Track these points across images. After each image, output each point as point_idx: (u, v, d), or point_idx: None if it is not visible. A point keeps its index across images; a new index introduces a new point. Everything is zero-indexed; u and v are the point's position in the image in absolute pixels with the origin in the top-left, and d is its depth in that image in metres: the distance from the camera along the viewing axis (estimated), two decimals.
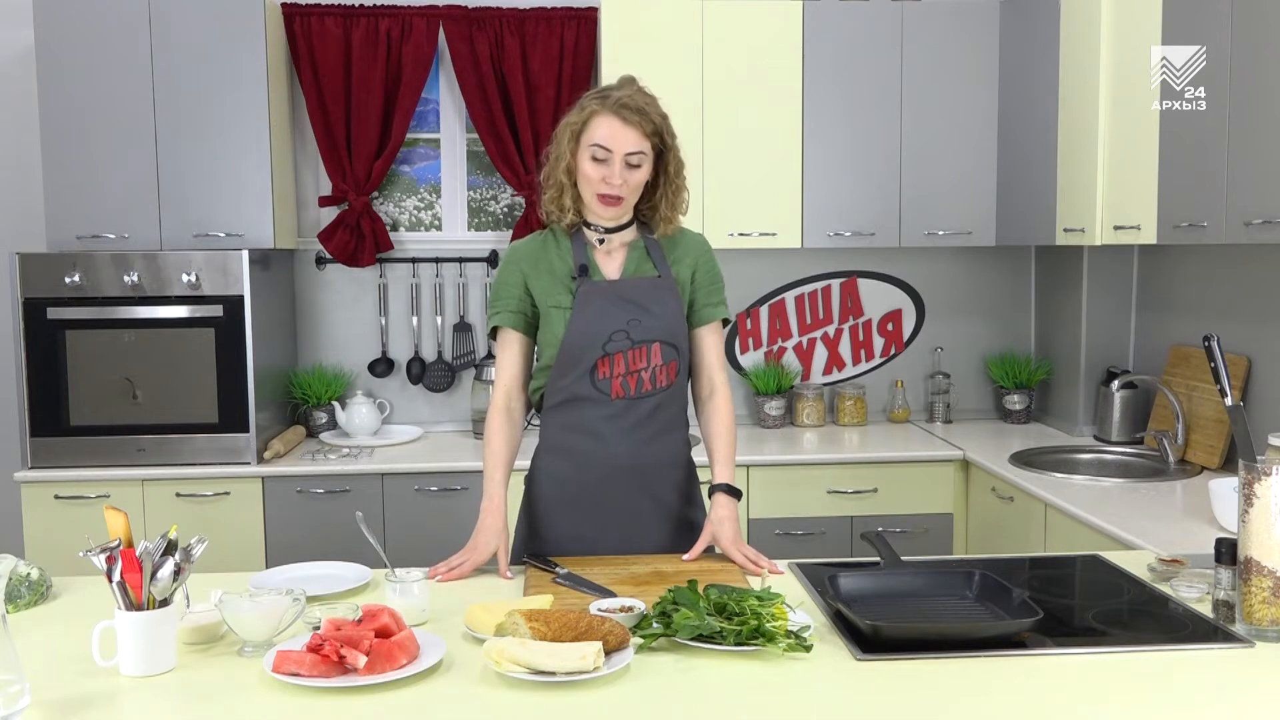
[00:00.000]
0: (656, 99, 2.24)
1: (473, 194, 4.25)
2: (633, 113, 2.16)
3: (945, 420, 4.25)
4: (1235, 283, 3.30)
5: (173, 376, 3.55)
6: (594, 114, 2.18)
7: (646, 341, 2.24)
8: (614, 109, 2.16)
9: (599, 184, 2.19)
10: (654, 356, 2.25)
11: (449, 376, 4.19)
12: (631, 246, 2.31)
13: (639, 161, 2.19)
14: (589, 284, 2.24)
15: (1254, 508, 1.75)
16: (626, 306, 2.23)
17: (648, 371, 2.26)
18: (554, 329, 2.25)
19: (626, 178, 2.19)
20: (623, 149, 2.17)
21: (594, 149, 2.17)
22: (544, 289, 2.27)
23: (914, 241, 3.99)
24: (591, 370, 2.24)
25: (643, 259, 2.30)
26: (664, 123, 2.22)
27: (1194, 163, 2.87)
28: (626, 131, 2.16)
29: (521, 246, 2.34)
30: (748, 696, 1.58)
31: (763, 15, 3.83)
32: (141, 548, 1.67)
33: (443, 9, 3.98)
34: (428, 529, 3.57)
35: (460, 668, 1.68)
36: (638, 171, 2.20)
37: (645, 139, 2.18)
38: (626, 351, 2.23)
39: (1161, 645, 1.76)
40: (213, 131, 3.65)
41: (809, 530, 3.67)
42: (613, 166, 2.17)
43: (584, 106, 2.21)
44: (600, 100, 2.19)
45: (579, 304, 2.23)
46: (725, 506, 2.24)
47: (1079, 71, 3.42)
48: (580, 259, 2.26)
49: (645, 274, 2.29)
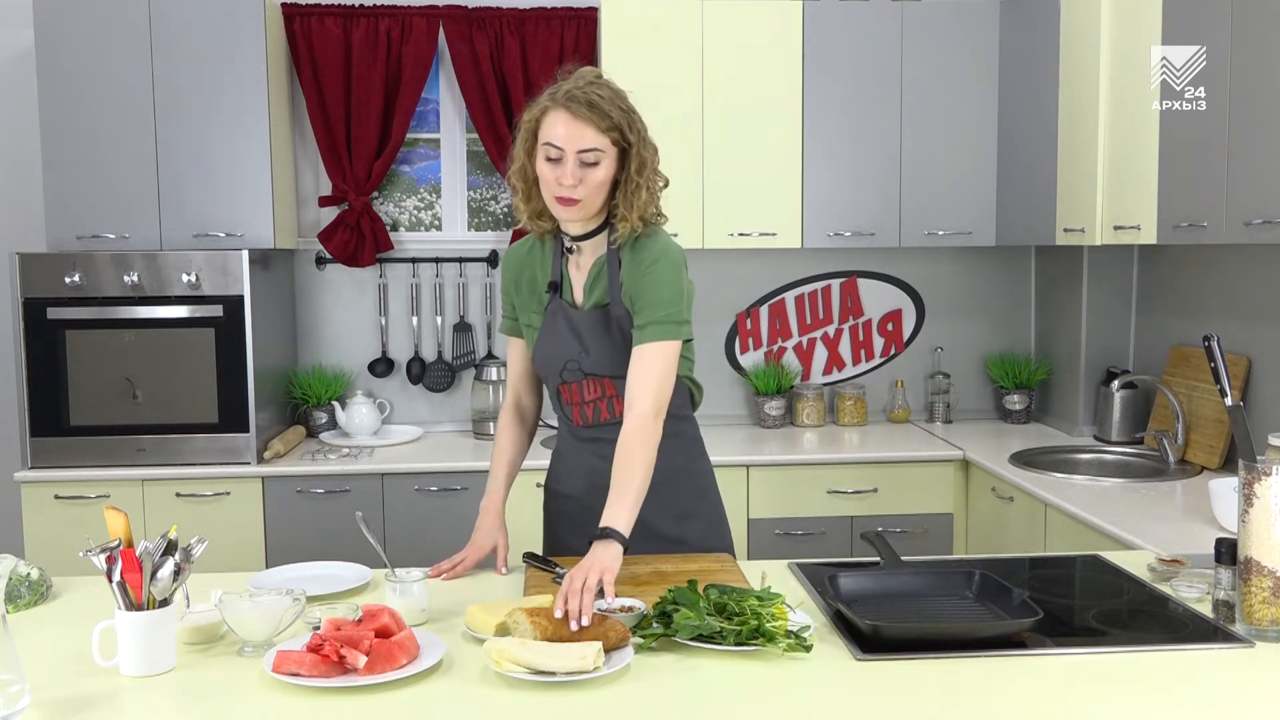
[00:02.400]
0: (620, 93, 2.05)
1: (473, 194, 4.25)
2: (582, 106, 1.98)
3: (945, 420, 4.25)
4: (1235, 283, 3.30)
5: (173, 376, 3.55)
6: (545, 110, 2.02)
7: (596, 375, 2.18)
8: (563, 103, 2.00)
9: (553, 185, 2.02)
10: (607, 388, 2.19)
11: (449, 376, 4.19)
12: (596, 261, 2.17)
13: (595, 159, 2.01)
14: (555, 305, 2.19)
15: (1254, 508, 1.75)
16: (574, 340, 2.17)
17: (604, 401, 2.20)
18: (530, 346, 2.26)
19: (582, 176, 2.01)
20: (575, 146, 1.99)
21: (546, 148, 2.01)
22: (522, 303, 2.25)
23: (914, 241, 3.99)
24: (557, 394, 2.25)
25: (599, 278, 2.16)
26: (625, 117, 2.03)
27: (1194, 163, 2.87)
28: (577, 126, 1.98)
29: (514, 252, 2.29)
30: (748, 696, 1.58)
31: (763, 15, 3.83)
32: (141, 548, 1.67)
33: (443, 9, 3.98)
34: (428, 529, 3.57)
35: (460, 668, 1.68)
36: (595, 170, 2.01)
37: (602, 135, 2.00)
38: (581, 382, 2.20)
39: (1161, 645, 1.76)
40: (213, 131, 3.65)
41: (809, 530, 3.67)
42: (565, 166, 2.00)
43: (536, 102, 2.05)
44: (551, 95, 2.03)
45: (544, 327, 2.20)
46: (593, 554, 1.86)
47: (1079, 71, 3.42)
48: (556, 272, 2.20)
49: (598, 300, 2.16)
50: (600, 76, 2.07)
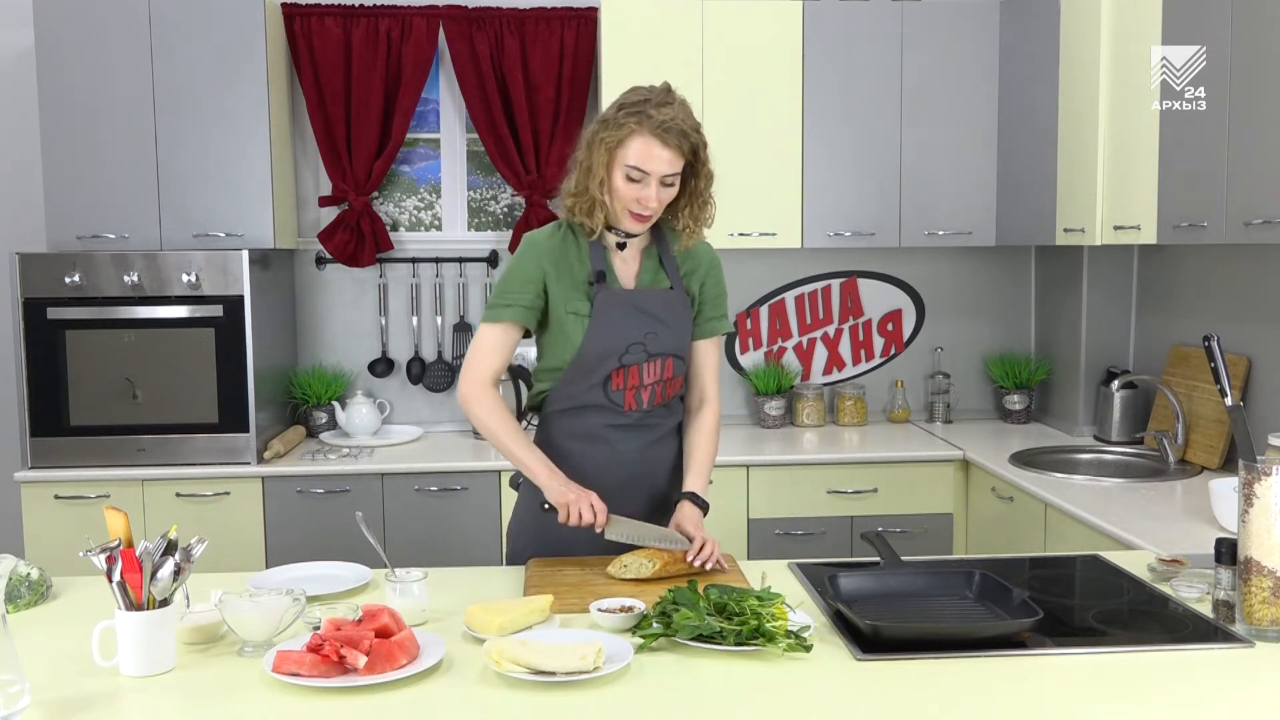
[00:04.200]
0: (690, 108, 2.15)
1: (473, 194, 4.25)
2: (673, 135, 2.08)
3: (945, 420, 4.25)
4: (1235, 283, 3.30)
5: (173, 376, 3.55)
6: (633, 134, 2.08)
7: (661, 355, 2.23)
8: (655, 132, 2.07)
9: (632, 203, 2.11)
10: (666, 370, 2.25)
11: (449, 376, 4.19)
12: (646, 254, 2.27)
13: (673, 181, 2.13)
14: (607, 292, 2.19)
15: (1254, 508, 1.75)
16: (644, 319, 2.20)
17: (660, 385, 2.25)
18: (570, 336, 2.19)
19: (661, 198, 2.13)
20: (660, 171, 2.09)
21: (630, 169, 2.09)
22: (563, 293, 2.20)
23: (914, 241, 3.99)
24: (605, 381, 2.21)
25: (657, 268, 2.26)
26: (699, 137, 2.14)
27: (1194, 163, 2.87)
28: (665, 154, 2.08)
29: (543, 241, 2.23)
30: (748, 696, 1.58)
31: (763, 15, 3.83)
32: (141, 548, 1.67)
33: (443, 9, 3.98)
34: (428, 529, 3.57)
35: (460, 668, 1.68)
36: (671, 189, 2.14)
37: (682, 158, 2.11)
38: (642, 364, 2.22)
39: (1161, 645, 1.76)
40: (213, 131, 3.65)
41: (809, 530, 3.67)
42: (649, 189, 2.10)
43: (621, 124, 2.09)
44: (639, 119, 2.08)
45: (598, 313, 2.18)
46: (690, 510, 2.23)
47: (1079, 71, 3.42)
48: (598, 264, 2.21)
49: (659, 284, 2.26)
50: (672, 91, 2.15)
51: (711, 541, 2.14)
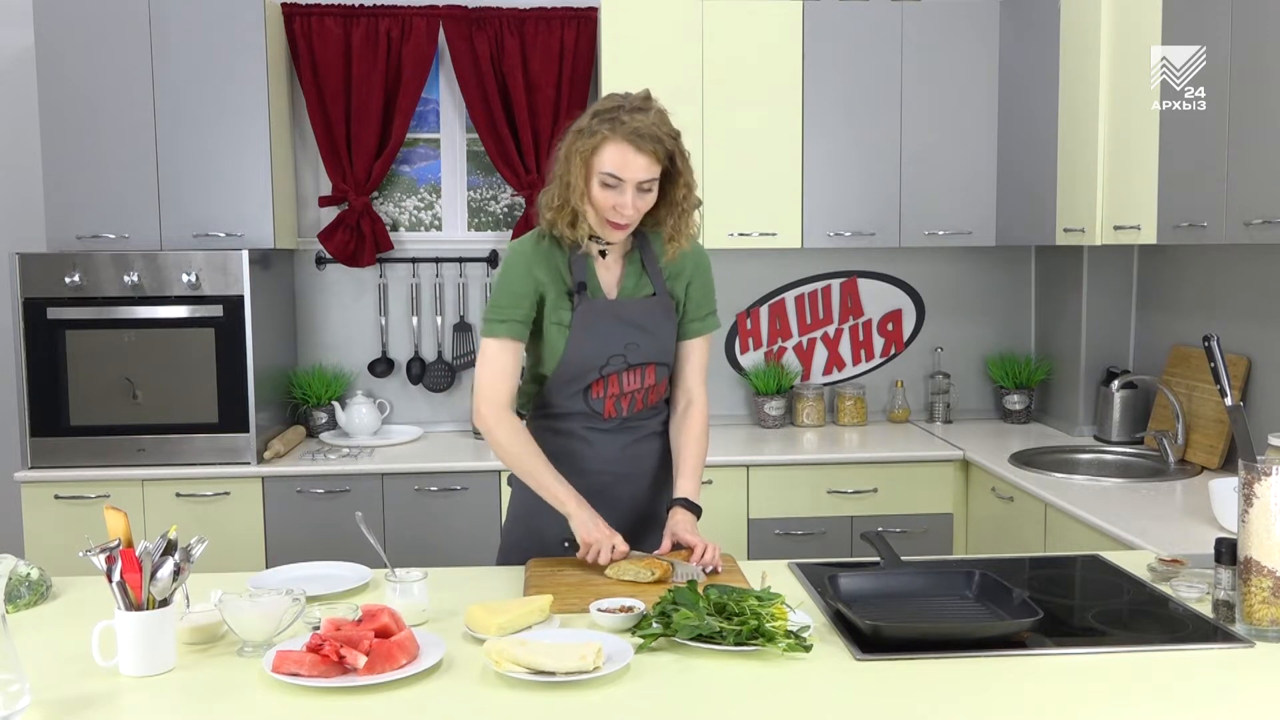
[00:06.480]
0: (667, 114, 2.12)
1: (473, 194, 4.25)
2: (646, 140, 2.05)
3: (945, 420, 4.24)
4: (1235, 283, 3.30)
5: (173, 376, 3.55)
6: (605, 140, 2.06)
7: (642, 364, 2.23)
8: (629, 137, 2.04)
9: (609, 210, 2.10)
10: (648, 377, 2.25)
11: (449, 376, 4.19)
12: (629, 259, 2.25)
13: (650, 187, 2.11)
14: (588, 304, 2.19)
15: (1254, 508, 1.75)
16: (626, 329, 2.20)
17: (641, 393, 2.26)
18: (554, 345, 2.21)
19: (638, 205, 2.10)
20: (635, 178, 2.07)
21: (605, 176, 2.07)
22: (551, 303, 2.20)
23: (914, 241, 3.99)
24: (586, 390, 2.23)
25: (640, 274, 2.25)
26: (675, 144, 2.11)
27: (1194, 163, 2.87)
28: (639, 159, 2.06)
29: (529, 250, 2.20)
30: (748, 696, 1.58)
31: (763, 15, 3.83)
32: (141, 548, 1.67)
33: (443, 9, 3.98)
34: (428, 529, 3.57)
35: (460, 668, 1.68)
36: (648, 195, 2.11)
37: (657, 164, 2.09)
38: (622, 373, 2.22)
39: (1161, 645, 1.76)
40: (213, 132, 3.65)
41: (809, 530, 3.67)
42: (625, 195, 2.08)
43: (595, 131, 2.07)
44: (612, 125, 2.06)
45: (577, 324, 2.18)
46: (683, 516, 2.21)
47: (1079, 71, 3.42)
48: (580, 274, 2.20)
49: (642, 291, 2.25)
50: (651, 99, 2.12)
51: (711, 546, 2.13)
